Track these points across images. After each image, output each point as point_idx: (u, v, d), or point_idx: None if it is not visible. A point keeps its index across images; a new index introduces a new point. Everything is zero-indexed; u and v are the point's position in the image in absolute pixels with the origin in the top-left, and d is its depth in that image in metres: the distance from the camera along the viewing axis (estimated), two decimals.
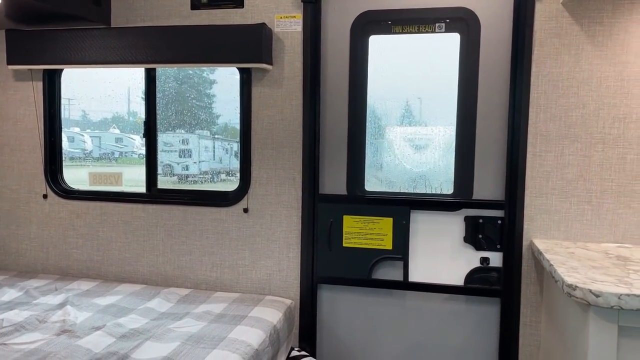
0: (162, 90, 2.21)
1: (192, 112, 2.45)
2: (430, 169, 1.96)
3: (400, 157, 1.98)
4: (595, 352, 1.21)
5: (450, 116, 1.90)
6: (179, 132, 2.69)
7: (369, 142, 1.97)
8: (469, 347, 1.91)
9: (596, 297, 1.18)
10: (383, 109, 1.97)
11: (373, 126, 1.98)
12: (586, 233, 1.76)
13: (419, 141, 1.96)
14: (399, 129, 1.97)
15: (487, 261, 1.88)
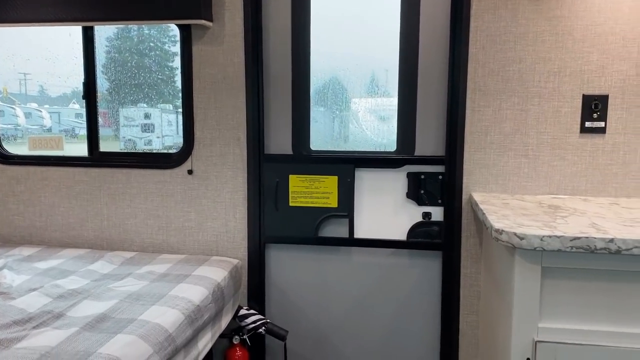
0: (122, 62, 2.15)
1: (154, 86, 2.39)
2: (375, 127, 1.97)
3: (353, 120, 1.98)
4: (520, 293, 1.25)
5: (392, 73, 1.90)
6: (140, 106, 2.62)
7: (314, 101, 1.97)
8: (414, 299, 1.96)
9: (520, 239, 1.22)
10: (329, 65, 1.96)
11: (317, 82, 1.97)
12: (523, 185, 1.81)
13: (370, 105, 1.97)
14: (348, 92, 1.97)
15: (429, 216, 1.91)
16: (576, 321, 1.24)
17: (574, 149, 1.77)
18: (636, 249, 1.16)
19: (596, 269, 1.22)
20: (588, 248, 1.19)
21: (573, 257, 1.22)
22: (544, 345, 1.23)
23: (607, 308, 1.23)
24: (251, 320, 1.94)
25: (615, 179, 1.76)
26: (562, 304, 1.25)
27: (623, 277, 1.22)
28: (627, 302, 1.22)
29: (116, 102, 2.27)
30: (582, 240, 1.19)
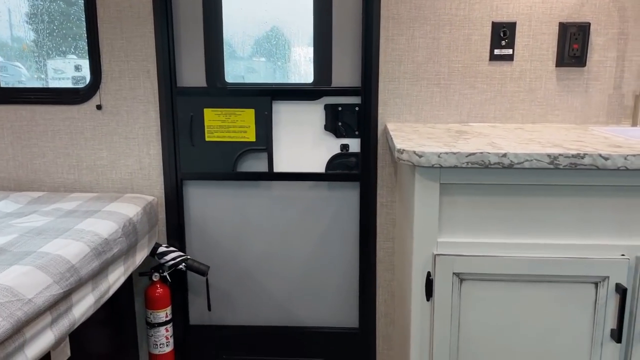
0: (48, 11, 1.98)
1: (84, 36, 2.21)
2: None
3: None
4: (420, 209, 1.29)
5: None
6: (70, 57, 2.45)
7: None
8: (333, 230, 1.99)
9: (419, 157, 1.24)
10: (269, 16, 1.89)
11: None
12: (435, 115, 1.85)
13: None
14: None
15: (347, 148, 1.93)
16: (473, 234, 1.30)
17: (483, 77, 1.81)
18: (527, 162, 1.21)
19: (491, 183, 1.27)
20: (483, 163, 1.23)
21: (469, 173, 1.26)
22: (442, 258, 1.28)
23: (500, 221, 1.29)
24: (170, 257, 1.92)
25: (522, 106, 1.82)
26: (459, 218, 1.30)
27: (515, 190, 1.27)
28: (519, 214, 1.28)
29: (43, 54, 2.11)
30: (477, 155, 1.22)
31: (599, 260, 1.25)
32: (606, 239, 1.27)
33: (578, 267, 1.25)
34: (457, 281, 1.30)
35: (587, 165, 1.20)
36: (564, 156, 1.20)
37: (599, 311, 1.27)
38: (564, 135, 1.51)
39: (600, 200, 1.26)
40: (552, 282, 1.28)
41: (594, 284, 1.27)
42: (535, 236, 1.28)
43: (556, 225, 1.27)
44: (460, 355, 1.33)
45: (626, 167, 1.19)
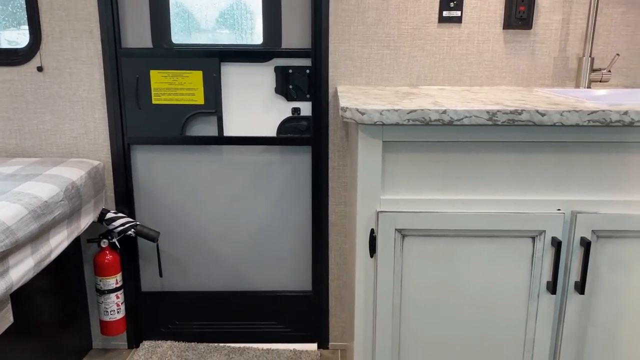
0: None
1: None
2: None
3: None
4: (364, 167, 1.29)
5: None
6: (23, 29, 2.33)
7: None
8: (286, 195, 1.98)
9: (362, 114, 1.24)
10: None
11: None
12: (386, 77, 1.84)
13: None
14: None
15: (298, 111, 1.91)
16: (415, 191, 1.31)
17: (433, 39, 1.81)
18: (466, 118, 1.23)
19: (432, 141, 1.28)
20: (423, 120, 1.23)
21: (411, 130, 1.27)
22: (384, 215, 1.29)
23: (442, 178, 1.30)
24: (119, 223, 1.89)
25: (470, 68, 1.83)
26: (402, 176, 1.31)
27: (456, 147, 1.29)
28: (460, 171, 1.30)
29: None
30: (418, 112, 1.23)
31: (536, 215, 1.28)
32: (543, 194, 1.30)
33: (516, 222, 1.29)
34: (400, 237, 1.31)
35: (525, 121, 1.22)
36: (502, 112, 1.22)
37: (535, 264, 1.31)
38: (507, 96, 1.53)
39: (538, 156, 1.28)
40: (491, 237, 1.31)
41: (531, 238, 1.31)
42: (475, 192, 1.31)
43: (495, 181, 1.30)
44: (403, 310, 1.36)
45: (562, 123, 1.22)
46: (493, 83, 1.84)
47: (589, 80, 1.75)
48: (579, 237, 1.29)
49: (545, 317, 1.34)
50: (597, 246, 1.31)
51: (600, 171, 1.29)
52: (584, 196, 1.30)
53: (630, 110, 1.21)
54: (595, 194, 1.30)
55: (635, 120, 1.21)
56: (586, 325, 1.36)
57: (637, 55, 1.82)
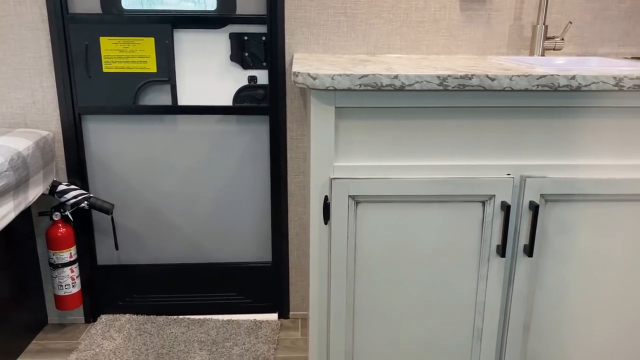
0: None
1: None
2: None
3: None
4: (317, 134, 1.28)
5: None
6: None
7: None
8: (244, 165, 1.96)
9: (313, 79, 1.22)
10: None
11: None
12: (343, 45, 1.82)
13: None
14: None
15: (254, 79, 1.88)
16: (368, 158, 1.31)
17: (390, 6, 1.79)
18: (417, 83, 1.22)
19: (384, 107, 1.27)
20: (375, 85, 1.22)
21: (363, 96, 1.26)
22: (338, 182, 1.29)
23: (394, 144, 1.30)
24: (71, 196, 1.84)
25: (427, 37, 1.83)
26: (355, 142, 1.30)
27: (408, 113, 1.28)
28: (412, 137, 1.30)
29: None
30: (370, 77, 1.22)
31: (486, 180, 1.30)
32: (494, 159, 1.32)
33: (467, 187, 1.30)
34: (353, 204, 1.31)
35: (475, 86, 1.23)
36: (453, 77, 1.22)
37: (485, 228, 1.33)
38: (462, 63, 1.53)
39: (489, 122, 1.29)
40: (443, 202, 1.32)
41: (481, 203, 1.33)
42: (427, 158, 1.31)
43: (447, 147, 1.31)
44: (357, 275, 1.37)
45: (511, 88, 1.23)
46: (450, 52, 1.84)
47: (542, 48, 1.77)
48: (527, 201, 1.32)
49: (495, 279, 1.37)
50: (545, 210, 1.34)
51: (549, 136, 1.31)
52: (533, 161, 1.32)
53: (577, 75, 1.23)
54: (544, 159, 1.32)
55: (582, 84, 1.23)
56: (535, 287, 1.39)
57: (590, 23, 1.84)
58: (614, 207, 1.34)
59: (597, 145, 1.32)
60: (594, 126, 1.30)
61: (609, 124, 1.30)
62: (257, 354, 1.83)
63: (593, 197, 1.32)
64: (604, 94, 1.27)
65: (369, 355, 1.42)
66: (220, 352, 1.83)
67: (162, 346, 1.86)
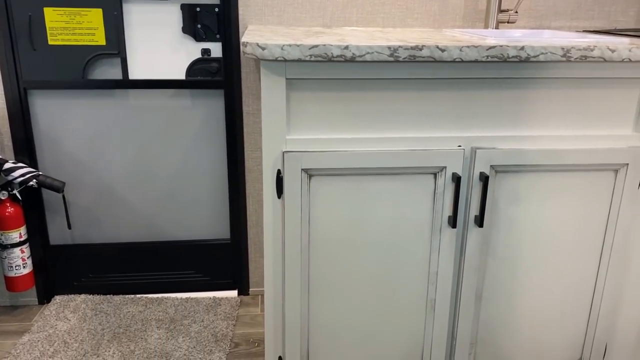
0: None
1: None
2: None
3: None
4: (268, 106, 1.26)
5: None
6: None
7: None
8: (199, 141, 1.93)
9: (262, 49, 1.20)
10: None
11: None
12: (298, 17, 1.79)
13: None
14: None
15: (208, 52, 1.83)
16: (320, 131, 1.30)
17: None
18: (368, 54, 1.21)
19: (335, 78, 1.26)
20: (326, 56, 1.20)
21: (314, 67, 1.24)
22: (290, 155, 1.27)
23: (346, 116, 1.29)
24: (19, 174, 1.77)
25: (383, 9, 1.81)
26: (307, 115, 1.28)
27: (359, 85, 1.27)
28: (364, 109, 1.29)
29: None
30: (320, 47, 1.20)
31: (438, 151, 1.30)
32: (445, 131, 1.32)
33: (418, 159, 1.30)
34: (306, 177, 1.30)
35: (426, 57, 1.22)
36: (404, 48, 1.21)
37: (437, 200, 1.34)
38: (416, 35, 1.52)
39: (440, 93, 1.29)
40: (395, 175, 1.32)
41: (433, 175, 1.33)
42: (379, 130, 1.31)
43: (399, 119, 1.30)
44: (312, 249, 1.36)
45: (461, 59, 1.23)
46: (406, 24, 1.83)
47: (496, 21, 1.78)
48: (478, 172, 1.33)
49: (447, 250, 1.38)
50: (495, 181, 1.35)
51: (499, 107, 1.32)
52: (483, 132, 1.33)
53: (526, 45, 1.23)
54: (494, 130, 1.33)
55: (531, 55, 1.24)
56: (486, 257, 1.42)
57: None
58: (562, 178, 1.37)
59: (546, 116, 1.33)
60: (543, 97, 1.32)
61: (557, 95, 1.32)
62: (215, 330, 1.82)
63: (542, 167, 1.35)
64: (552, 64, 1.28)
65: (325, 329, 1.43)
66: (178, 330, 1.82)
67: (119, 325, 1.84)
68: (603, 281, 1.46)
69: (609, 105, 1.34)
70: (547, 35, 1.74)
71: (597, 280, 1.46)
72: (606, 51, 1.25)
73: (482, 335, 1.49)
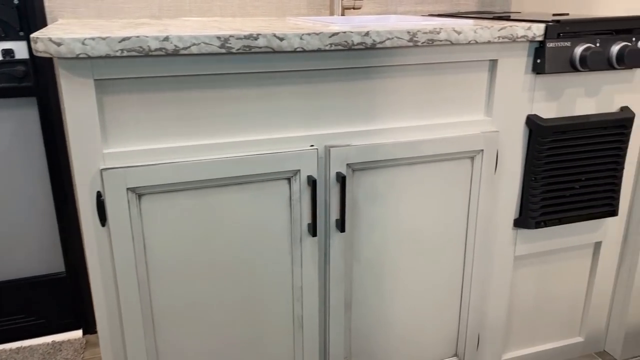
0: None
1: None
2: None
3: None
4: (73, 114, 1.01)
5: None
6: None
7: None
8: (13, 160, 1.60)
9: (57, 45, 0.95)
10: None
11: None
12: (121, 8, 1.54)
13: None
14: None
15: (10, 53, 1.51)
16: (148, 140, 1.08)
17: None
18: (195, 46, 1.02)
19: (158, 76, 1.05)
20: (141, 50, 0.99)
21: (129, 64, 1.02)
22: (111, 173, 1.04)
23: (178, 121, 1.09)
24: None
25: None
26: (129, 123, 1.06)
27: (189, 83, 1.08)
28: (198, 111, 1.10)
29: None
30: (133, 40, 0.98)
31: (289, 153, 1.15)
32: (294, 130, 1.18)
33: (268, 164, 1.14)
34: (135, 198, 1.08)
35: (263, 47, 1.06)
36: (236, 37, 1.04)
37: (294, 207, 1.20)
38: (255, 25, 1.36)
39: (284, 88, 1.14)
40: (243, 184, 1.15)
41: (286, 180, 1.18)
42: (220, 135, 1.13)
43: (240, 120, 1.13)
44: (152, 281, 1.15)
45: (303, 49, 1.08)
46: (246, 13, 1.66)
47: (342, 7, 1.67)
48: (334, 173, 1.20)
49: (310, 261, 1.24)
50: (353, 180, 1.24)
51: (350, 100, 1.20)
52: (336, 129, 1.21)
53: (371, 31, 1.12)
54: (347, 126, 1.22)
55: (377, 41, 1.13)
56: (351, 263, 1.30)
57: None
58: (420, 170, 1.29)
59: (400, 106, 1.24)
60: (395, 86, 1.22)
61: (408, 83, 1.23)
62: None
63: (399, 161, 1.26)
64: (400, 50, 1.19)
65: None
66: None
67: None
68: (470, 272, 1.42)
69: (460, 91, 1.28)
70: (393, 20, 1.67)
71: (464, 271, 1.42)
72: (452, 33, 1.19)
73: (356, 345, 1.38)
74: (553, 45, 1.27)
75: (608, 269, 1.60)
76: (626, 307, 1.63)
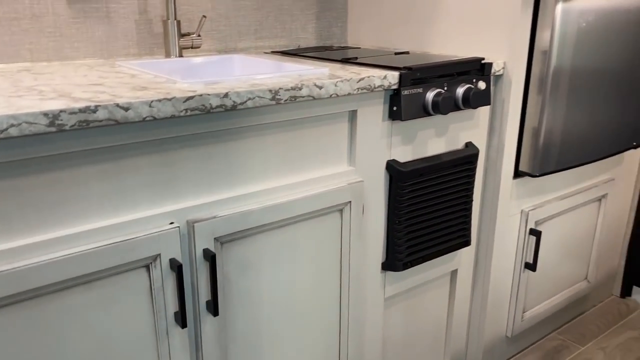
0: None
1: None
2: None
3: None
4: None
5: None
6: None
7: None
8: None
9: None
10: None
11: None
12: None
13: None
14: None
15: None
16: None
17: None
18: (14, 128, 0.79)
19: None
20: None
21: None
22: None
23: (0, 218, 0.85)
24: None
25: (28, 38, 1.35)
26: None
27: (13, 170, 0.84)
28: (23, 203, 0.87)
29: None
30: None
31: (144, 238, 0.97)
32: (149, 208, 1.00)
33: (120, 254, 0.95)
34: None
35: (104, 120, 0.87)
36: (69, 112, 0.83)
37: (157, 297, 1.02)
38: (81, 78, 1.14)
39: (134, 162, 0.96)
40: (89, 283, 0.94)
41: (145, 267, 1.00)
42: (53, 228, 0.90)
43: (79, 206, 0.92)
44: None
45: (153, 117, 0.92)
46: (65, 56, 1.41)
47: (179, 47, 1.51)
48: (201, 250, 1.05)
49: (180, 355, 1.08)
50: (223, 255, 1.10)
51: (211, 167, 1.06)
52: (198, 200, 1.06)
53: (231, 92, 1.00)
54: (210, 195, 1.07)
55: (237, 102, 1.01)
56: (226, 344, 1.16)
57: (225, 16, 1.66)
58: (292, 231, 1.20)
59: (263, 167, 1.14)
60: (256, 146, 1.12)
61: (269, 142, 1.13)
62: None
63: (269, 226, 1.15)
64: (262, 109, 1.08)
65: None
66: None
67: None
68: (347, 323, 1.37)
69: (323, 144, 1.22)
70: (237, 63, 1.56)
71: (340, 324, 1.37)
72: (314, 89, 1.12)
73: None
74: (407, 93, 1.27)
75: (464, 293, 1.69)
76: (482, 324, 1.73)
